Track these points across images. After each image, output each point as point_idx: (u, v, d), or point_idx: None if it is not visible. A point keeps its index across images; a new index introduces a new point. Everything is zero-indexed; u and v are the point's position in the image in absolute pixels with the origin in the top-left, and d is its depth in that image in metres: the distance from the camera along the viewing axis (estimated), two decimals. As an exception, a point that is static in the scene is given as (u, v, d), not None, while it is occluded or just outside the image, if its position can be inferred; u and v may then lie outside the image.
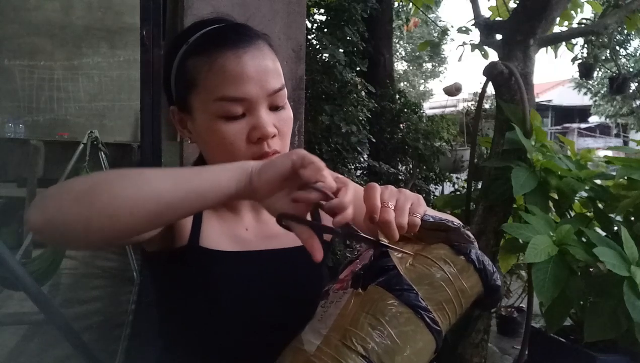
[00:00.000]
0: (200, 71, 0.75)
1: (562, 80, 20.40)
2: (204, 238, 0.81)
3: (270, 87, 0.75)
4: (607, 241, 1.80)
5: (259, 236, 0.86)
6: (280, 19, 1.43)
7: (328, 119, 2.33)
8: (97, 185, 0.59)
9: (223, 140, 0.75)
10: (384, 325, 0.60)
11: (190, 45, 0.78)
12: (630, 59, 8.89)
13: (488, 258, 0.67)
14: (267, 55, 0.77)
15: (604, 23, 2.69)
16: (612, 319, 1.70)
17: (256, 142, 0.75)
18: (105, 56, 5.94)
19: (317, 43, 2.62)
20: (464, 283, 0.64)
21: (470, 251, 0.66)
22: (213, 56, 0.74)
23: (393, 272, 0.64)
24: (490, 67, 2.26)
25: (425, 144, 3.17)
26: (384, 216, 0.64)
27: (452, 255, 0.65)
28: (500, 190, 2.12)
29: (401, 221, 0.64)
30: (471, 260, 0.65)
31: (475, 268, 0.66)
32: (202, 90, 0.75)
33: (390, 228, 0.64)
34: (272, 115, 0.77)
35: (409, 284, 0.62)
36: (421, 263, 0.65)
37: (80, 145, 3.22)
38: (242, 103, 0.74)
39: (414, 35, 18.05)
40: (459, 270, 0.65)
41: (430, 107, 11.60)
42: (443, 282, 0.63)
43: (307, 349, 0.62)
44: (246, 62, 0.74)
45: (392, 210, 0.65)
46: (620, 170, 1.99)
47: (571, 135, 17.94)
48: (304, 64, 1.44)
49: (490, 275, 0.66)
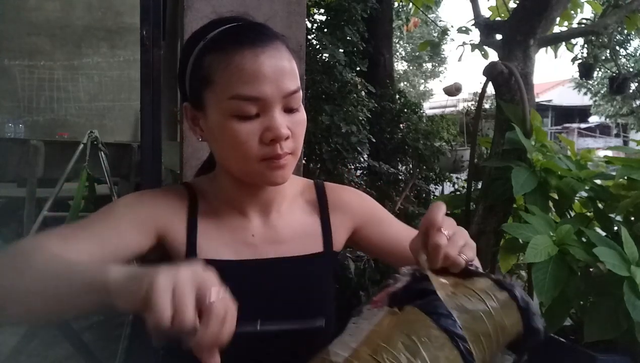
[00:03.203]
0: (217, 68, 0.74)
1: (562, 80, 20.41)
2: (202, 249, 0.80)
3: (286, 88, 0.74)
4: (607, 241, 1.80)
5: (266, 242, 0.84)
6: (280, 19, 1.43)
7: (328, 119, 2.33)
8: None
9: (235, 140, 0.74)
10: (418, 347, 0.58)
11: (208, 41, 0.77)
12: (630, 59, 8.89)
13: (531, 300, 0.66)
14: (285, 56, 0.76)
15: (604, 23, 2.69)
16: (612, 319, 1.70)
17: (269, 144, 0.74)
18: (105, 56, 5.94)
19: (317, 43, 2.62)
20: (504, 320, 0.63)
21: (515, 288, 0.64)
22: (230, 53, 0.73)
23: (433, 296, 0.62)
24: (490, 67, 2.26)
25: (425, 143, 3.17)
26: (436, 239, 0.64)
27: (496, 289, 0.64)
28: (500, 190, 2.12)
29: (449, 251, 0.64)
30: (515, 297, 0.64)
31: (518, 306, 0.64)
32: (217, 87, 0.74)
33: (437, 252, 0.64)
34: (286, 116, 0.76)
35: (448, 310, 0.60)
36: (463, 292, 0.63)
37: (80, 145, 3.21)
38: (257, 102, 0.73)
39: (414, 35, 18.05)
40: (501, 305, 0.63)
41: (430, 107, 11.61)
42: (483, 314, 0.62)
43: (334, 360, 0.60)
44: (263, 61, 0.73)
45: (445, 238, 0.65)
46: (620, 170, 1.99)
47: (571, 135, 17.94)
48: (304, 64, 1.44)
49: (532, 315, 0.65)
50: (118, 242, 0.74)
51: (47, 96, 5.80)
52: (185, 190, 0.85)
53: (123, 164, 3.96)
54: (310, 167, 2.43)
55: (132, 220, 0.77)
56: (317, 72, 2.45)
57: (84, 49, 5.87)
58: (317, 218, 0.90)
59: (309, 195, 0.92)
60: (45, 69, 5.76)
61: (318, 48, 2.60)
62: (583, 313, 1.90)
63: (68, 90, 5.86)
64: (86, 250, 0.69)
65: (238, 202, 0.85)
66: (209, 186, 0.87)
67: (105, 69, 5.94)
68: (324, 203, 0.91)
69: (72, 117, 5.88)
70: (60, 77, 5.83)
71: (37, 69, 5.74)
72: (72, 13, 5.82)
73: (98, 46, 5.91)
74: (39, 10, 5.71)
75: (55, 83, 5.82)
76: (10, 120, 5.42)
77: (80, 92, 5.89)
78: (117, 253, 0.73)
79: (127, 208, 0.79)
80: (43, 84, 5.78)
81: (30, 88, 5.74)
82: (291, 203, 0.90)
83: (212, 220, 0.83)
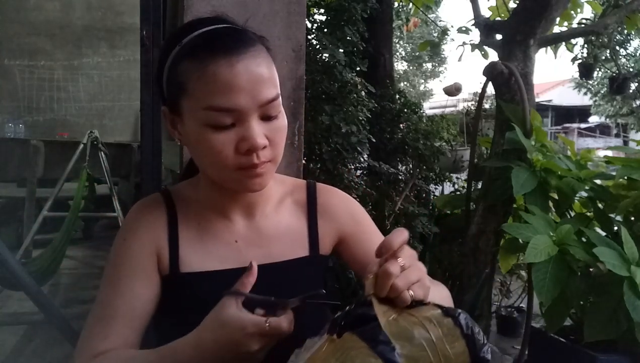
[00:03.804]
0: (191, 77, 0.72)
1: (562, 80, 20.42)
2: (184, 263, 0.80)
3: (262, 97, 0.72)
4: (607, 241, 1.80)
5: (250, 246, 0.83)
6: (280, 19, 1.42)
7: (328, 119, 2.33)
8: None
9: (211, 149, 0.73)
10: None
11: (184, 47, 0.74)
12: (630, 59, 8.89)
13: (480, 329, 0.62)
14: (262, 63, 0.73)
15: (604, 23, 2.69)
16: (612, 319, 1.70)
17: (245, 153, 0.73)
18: (105, 56, 5.94)
19: (317, 43, 2.62)
20: (448, 348, 0.59)
21: (460, 315, 0.61)
22: (205, 62, 0.71)
23: (373, 323, 0.60)
24: (490, 67, 2.26)
25: (425, 143, 3.16)
26: (388, 266, 0.62)
27: (440, 317, 0.61)
28: (500, 190, 2.12)
29: (398, 284, 0.62)
30: (459, 324, 0.61)
31: (463, 333, 0.61)
32: (191, 97, 0.73)
33: (386, 281, 0.62)
34: (264, 125, 0.74)
35: (387, 337, 0.58)
36: (405, 320, 0.61)
37: (80, 145, 3.21)
38: (232, 113, 0.71)
39: (414, 35, 18.05)
40: (444, 332, 0.60)
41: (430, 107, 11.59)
42: (424, 342, 0.59)
43: None
44: (238, 71, 0.70)
45: (400, 266, 0.63)
46: (620, 170, 1.99)
47: (571, 135, 17.95)
48: (304, 64, 1.43)
49: (479, 345, 0.61)
50: (144, 304, 0.78)
51: (47, 96, 5.81)
52: (162, 200, 0.84)
53: (123, 164, 3.97)
54: (310, 167, 2.43)
55: (139, 275, 0.79)
56: (317, 72, 2.44)
57: (84, 49, 5.88)
58: (304, 220, 0.89)
59: (298, 196, 0.91)
60: (45, 69, 5.77)
61: (318, 48, 2.59)
62: (583, 313, 1.90)
63: (68, 90, 5.86)
64: (127, 334, 0.76)
65: (221, 206, 0.84)
66: (192, 191, 0.86)
67: (105, 69, 5.94)
68: (313, 206, 0.90)
69: (72, 117, 5.88)
70: (60, 77, 5.83)
71: (37, 69, 5.75)
72: (72, 13, 5.83)
73: (98, 46, 5.91)
74: (39, 10, 5.71)
75: (55, 83, 5.82)
76: (10, 120, 5.43)
77: (80, 92, 5.89)
78: (150, 308, 0.79)
79: (129, 268, 0.79)
80: (43, 84, 5.78)
81: (30, 88, 5.75)
82: (278, 204, 0.89)
83: (194, 228, 0.82)
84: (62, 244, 2.72)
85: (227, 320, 0.67)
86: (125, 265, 0.79)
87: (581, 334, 1.77)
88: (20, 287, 1.87)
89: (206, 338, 0.68)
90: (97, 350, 0.74)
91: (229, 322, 0.67)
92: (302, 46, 1.43)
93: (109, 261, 0.81)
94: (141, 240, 0.80)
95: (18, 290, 2.38)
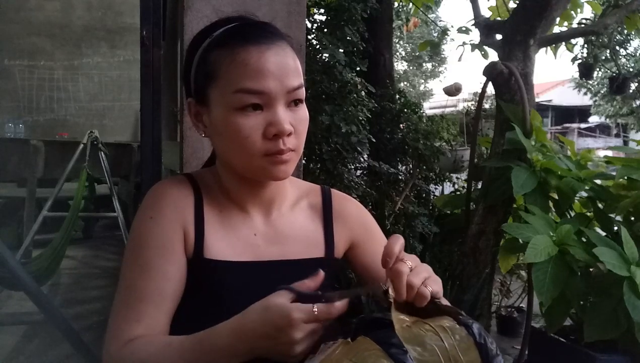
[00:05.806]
0: (222, 63, 0.75)
1: (562, 80, 20.42)
2: (208, 248, 0.80)
3: (289, 83, 0.75)
4: (607, 241, 1.80)
5: (268, 241, 0.84)
6: (280, 19, 1.43)
7: (328, 119, 2.32)
8: None
9: (238, 134, 0.74)
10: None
11: (214, 38, 0.78)
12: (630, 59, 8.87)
13: (493, 340, 0.63)
14: (289, 54, 0.77)
15: (604, 23, 2.69)
16: (612, 319, 1.70)
17: (272, 139, 0.75)
18: (105, 56, 5.94)
19: (317, 43, 2.62)
20: (460, 356, 0.60)
21: (473, 324, 0.63)
22: (236, 49, 0.74)
23: (387, 328, 0.61)
24: (490, 67, 2.26)
25: (425, 144, 3.16)
26: (398, 266, 0.64)
27: (453, 325, 0.63)
28: (500, 190, 2.12)
29: (413, 280, 0.64)
30: (472, 333, 0.62)
31: (475, 342, 0.62)
32: (221, 82, 0.75)
33: (401, 279, 0.64)
34: (289, 113, 0.76)
35: (400, 341, 0.59)
36: (419, 327, 0.62)
37: (80, 145, 3.21)
38: (261, 97, 0.74)
39: (414, 35, 18.03)
40: (457, 341, 0.61)
41: (430, 107, 11.61)
42: (437, 348, 0.60)
43: None
44: (268, 57, 0.74)
45: (408, 267, 0.65)
46: (620, 170, 1.99)
47: (571, 135, 17.96)
48: (304, 64, 1.43)
49: (492, 355, 0.62)
50: (174, 285, 0.77)
51: (47, 96, 5.81)
52: (188, 183, 0.84)
53: (123, 164, 3.97)
54: (310, 167, 2.43)
55: (168, 255, 0.77)
56: (317, 72, 2.44)
57: (84, 49, 5.88)
58: (319, 223, 0.90)
59: (313, 200, 0.92)
60: (45, 69, 5.77)
61: (318, 48, 2.59)
62: (583, 313, 1.90)
63: (68, 90, 5.87)
64: (159, 317, 0.75)
65: (239, 199, 0.84)
66: (213, 179, 0.87)
67: (105, 69, 5.95)
68: (328, 210, 0.91)
69: (72, 117, 5.88)
70: (60, 77, 5.83)
71: (37, 69, 5.75)
72: (72, 13, 5.83)
73: (98, 46, 5.91)
74: (39, 10, 5.71)
75: (55, 83, 5.82)
76: (10, 120, 5.43)
77: (80, 92, 5.89)
78: (179, 290, 0.77)
79: (157, 247, 0.77)
80: (43, 84, 5.78)
81: (30, 88, 5.75)
82: (293, 205, 0.89)
83: (217, 215, 0.83)
84: (62, 244, 2.72)
85: (273, 305, 0.65)
86: (153, 245, 0.77)
87: (581, 334, 1.77)
88: (20, 287, 1.88)
89: (247, 324, 0.66)
90: (131, 334, 0.73)
91: (274, 306, 0.65)
92: (302, 46, 1.43)
93: (132, 242, 0.79)
94: (169, 218, 0.79)
95: (18, 290, 2.38)
